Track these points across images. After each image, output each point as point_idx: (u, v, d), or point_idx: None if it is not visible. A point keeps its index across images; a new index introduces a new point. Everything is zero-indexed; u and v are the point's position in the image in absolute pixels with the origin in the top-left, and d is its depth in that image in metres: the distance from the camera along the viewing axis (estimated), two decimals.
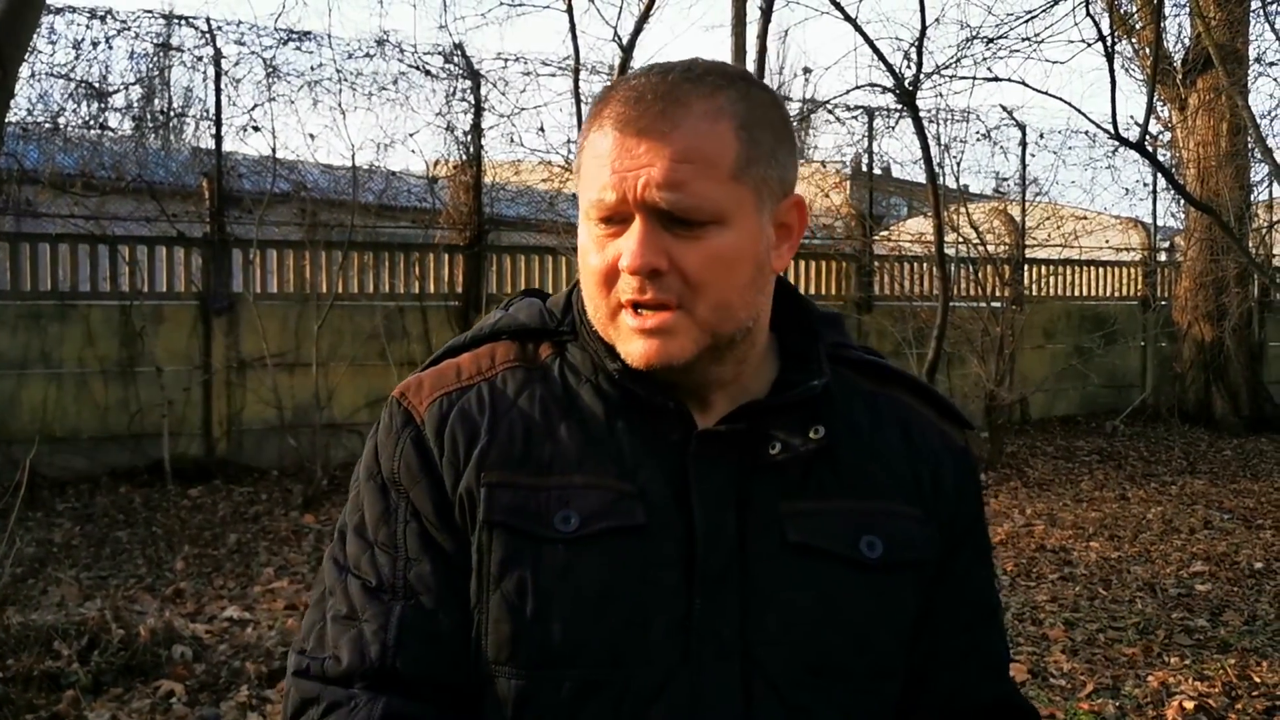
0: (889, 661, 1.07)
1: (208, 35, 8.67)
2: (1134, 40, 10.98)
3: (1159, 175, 10.83)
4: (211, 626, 4.81)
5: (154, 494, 7.61)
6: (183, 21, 8.78)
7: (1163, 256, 13.02)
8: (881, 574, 1.05)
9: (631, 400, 1.05)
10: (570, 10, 8.74)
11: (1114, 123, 5.98)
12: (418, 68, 9.37)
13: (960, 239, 10.41)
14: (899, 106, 9.54)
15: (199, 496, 7.58)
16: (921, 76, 8.48)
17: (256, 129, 8.83)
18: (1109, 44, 5.97)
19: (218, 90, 8.64)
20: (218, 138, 8.63)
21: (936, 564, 1.10)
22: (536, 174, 10.16)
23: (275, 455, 8.26)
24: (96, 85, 8.58)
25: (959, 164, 11.39)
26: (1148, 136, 6.95)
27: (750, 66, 9.22)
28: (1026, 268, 11.61)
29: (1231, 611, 5.31)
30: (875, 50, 8.28)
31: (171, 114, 9.09)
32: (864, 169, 11.68)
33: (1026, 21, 8.18)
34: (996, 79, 9.98)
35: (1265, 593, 5.68)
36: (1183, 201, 10.88)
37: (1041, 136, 11.95)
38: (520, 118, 9.75)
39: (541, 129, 9.83)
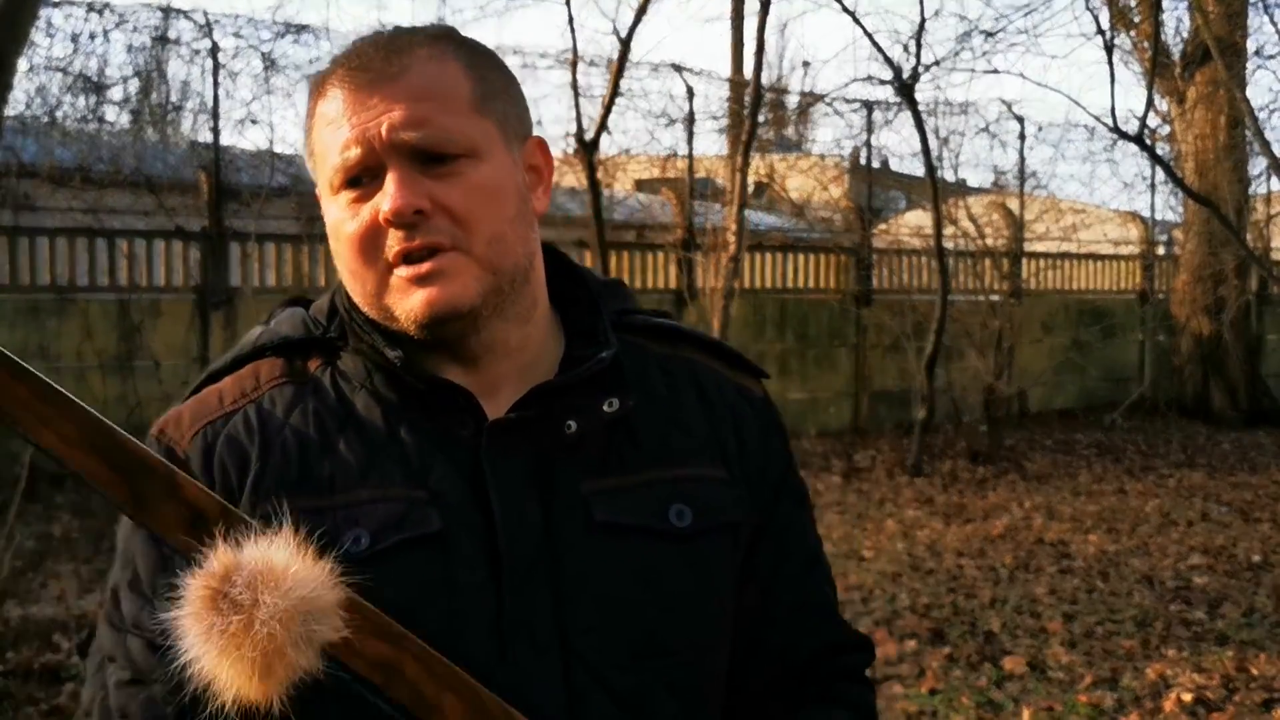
0: (712, 632, 1.03)
1: (205, 28, 8.65)
2: (1133, 33, 10.97)
3: (1158, 168, 10.83)
4: None
5: None
6: (180, 15, 8.77)
7: (1161, 250, 13.04)
8: (694, 542, 1.01)
9: (413, 399, 0.99)
10: (568, 3, 8.74)
11: (1113, 116, 5.99)
12: None
13: (959, 232, 10.42)
14: (898, 100, 9.54)
15: None
16: (920, 70, 8.49)
17: (254, 122, 8.84)
18: (1108, 37, 5.96)
19: (215, 83, 8.63)
20: (215, 131, 8.62)
21: (751, 524, 1.06)
22: None
23: None
24: (94, 78, 8.57)
25: (957, 157, 11.41)
26: (1146, 130, 6.95)
27: (749, 59, 9.23)
28: (1025, 261, 11.62)
29: (1229, 604, 5.32)
30: (874, 43, 8.29)
31: (169, 107, 9.09)
32: (862, 162, 11.68)
33: (1025, 15, 8.17)
34: (995, 72, 10.01)
35: (1263, 585, 5.69)
36: (1181, 195, 10.88)
37: (1040, 130, 11.97)
38: None
39: (539, 122, 9.81)
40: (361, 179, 0.97)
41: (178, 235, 8.47)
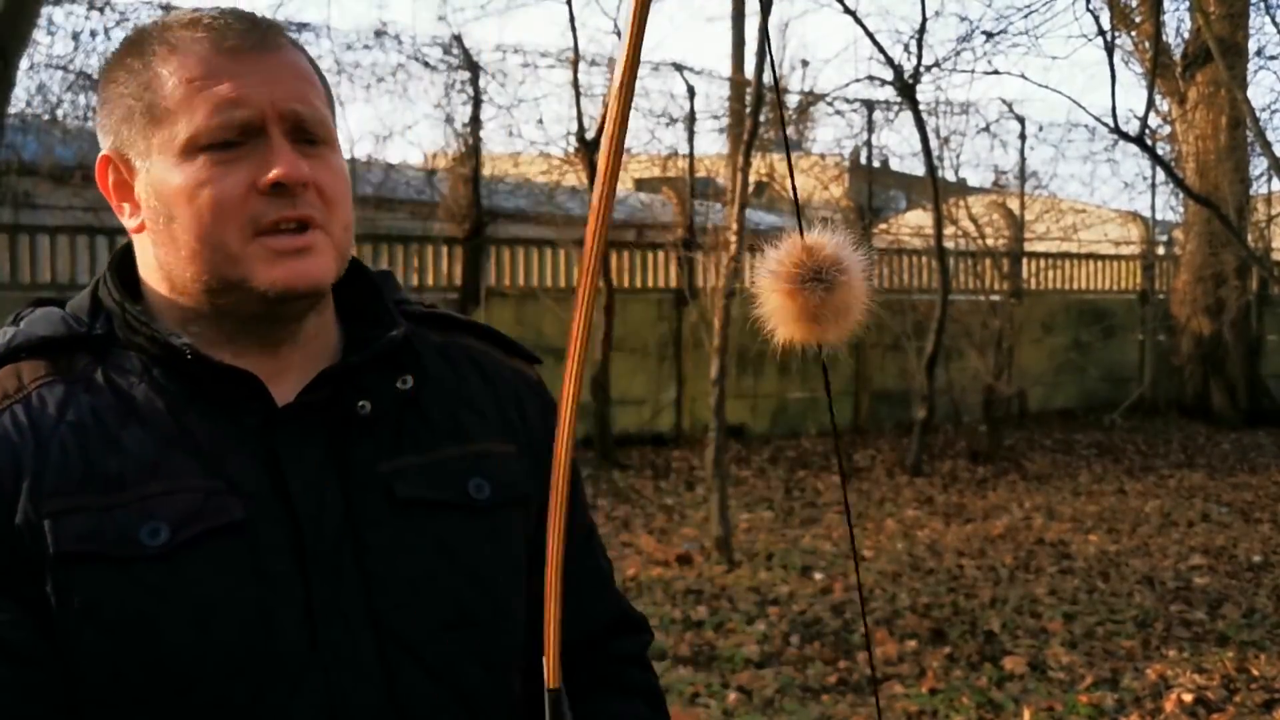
0: (512, 603, 1.05)
1: None
2: (1134, 34, 10.96)
3: (1158, 169, 10.82)
4: None
5: None
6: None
7: (1161, 250, 13.04)
8: (493, 515, 1.04)
9: (198, 389, 0.97)
10: (569, 2, 8.73)
11: (1114, 116, 5.98)
12: (416, 59, 9.36)
13: (959, 232, 10.42)
14: (898, 99, 9.54)
15: None
16: (921, 70, 8.49)
17: None
18: (1109, 38, 5.96)
19: None
20: None
21: (537, 498, 1.05)
22: (535, 166, 10.15)
23: None
24: (95, 76, 8.55)
25: (958, 157, 11.41)
26: (1147, 130, 6.95)
27: (750, 58, 9.22)
28: (1025, 261, 11.63)
29: (1230, 605, 5.32)
30: (875, 43, 8.30)
31: None
32: (862, 162, 11.68)
33: (1025, 15, 8.16)
34: (996, 72, 10.01)
35: (1263, 586, 5.69)
36: (1182, 195, 10.87)
37: (1041, 130, 11.97)
38: (519, 109, 9.77)
39: (541, 121, 9.82)
40: (235, 142, 0.94)
41: None
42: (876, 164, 12.09)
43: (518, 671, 1.05)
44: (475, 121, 9.46)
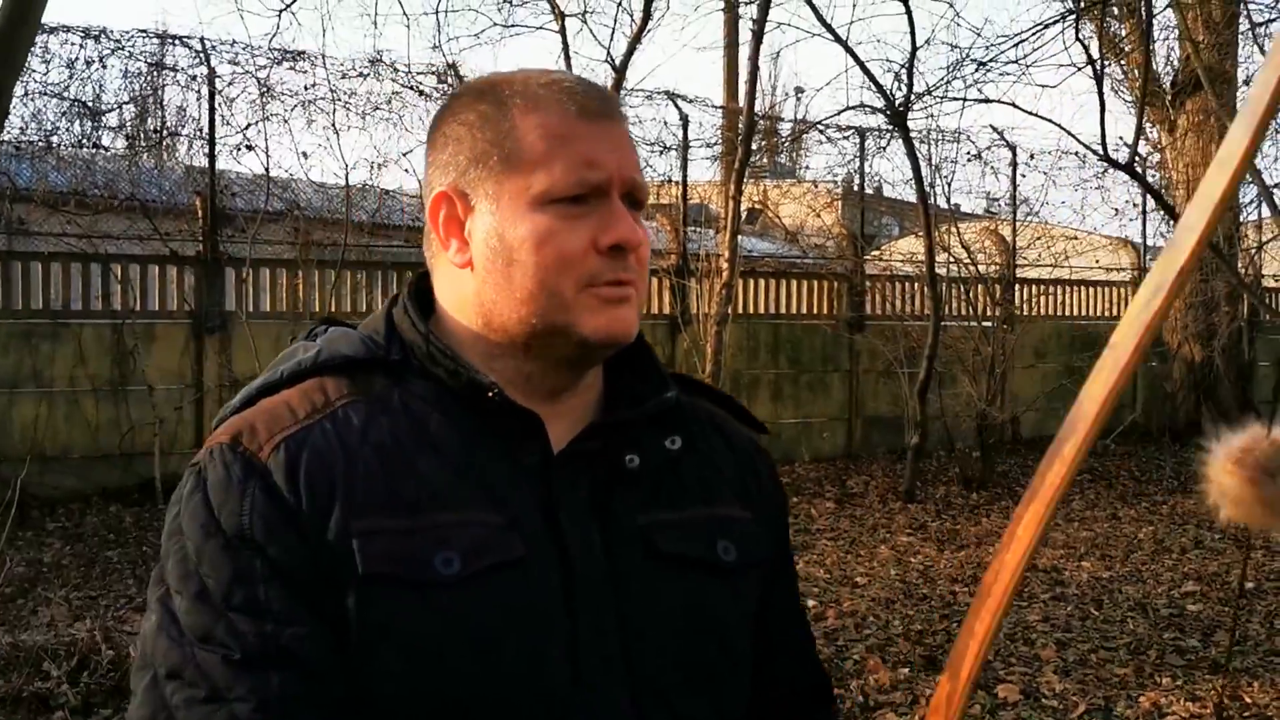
0: (746, 659, 1.09)
1: (202, 55, 8.70)
2: (1123, 63, 11.06)
3: (1148, 196, 10.89)
4: None
5: (144, 513, 7.59)
6: (177, 41, 8.82)
7: None
8: (737, 577, 1.08)
9: (484, 424, 1.00)
10: (563, 31, 8.79)
11: (1103, 144, 6.02)
12: (411, 87, 9.41)
13: (951, 259, 10.46)
14: (890, 127, 9.60)
15: None
16: (912, 97, 8.54)
17: (250, 148, 8.87)
18: (1098, 67, 6.02)
19: (211, 109, 8.66)
20: (211, 156, 8.65)
21: (771, 564, 1.15)
22: None
23: None
24: (90, 104, 8.60)
25: (950, 184, 11.45)
26: (1137, 158, 7.00)
27: (742, 86, 9.28)
28: (1017, 287, 11.66)
29: (1223, 632, 5.32)
30: (866, 72, 8.35)
31: (165, 133, 9.12)
32: (855, 189, 11.74)
33: (1015, 44, 8.24)
34: (987, 100, 10.07)
35: (1256, 612, 5.69)
36: (1172, 222, 10.92)
37: (1032, 157, 12.03)
38: None
39: None
40: (582, 199, 1.00)
41: (172, 260, 8.48)
42: (870, 191, 12.15)
43: None
44: None
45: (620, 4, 12.00)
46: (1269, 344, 12.27)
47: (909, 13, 8.11)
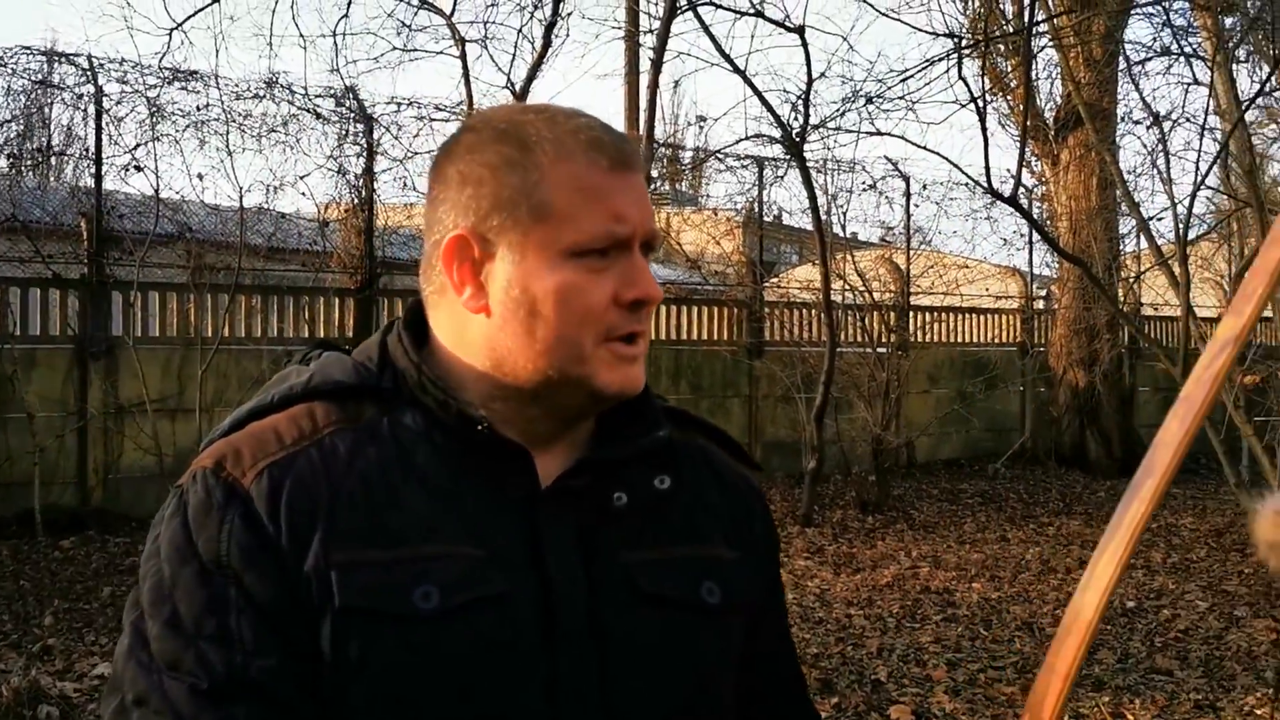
0: (727, 702, 1.09)
1: (89, 73, 8.46)
2: (1009, 98, 11.45)
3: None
4: (81, 685, 4.62)
5: (23, 546, 7.30)
6: (63, 59, 8.56)
7: (1040, 304, 13.53)
8: (722, 618, 1.07)
9: (472, 457, 1.00)
10: (464, 57, 8.77)
11: (988, 178, 6.22)
12: (309, 110, 9.28)
13: (848, 286, 10.67)
14: (787, 157, 9.77)
15: (71, 548, 7.29)
16: (808, 128, 8.71)
17: (139, 169, 8.63)
18: (980, 105, 6.22)
19: (98, 129, 8.42)
20: (98, 177, 8.40)
21: (756, 605, 1.14)
22: None
23: (154, 504, 7.90)
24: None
25: (845, 213, 11.68)
26: (1022, 190, 7.24)
27: (642, 114, 9.36)
28: (911, 314, 11.94)
29: (1105, 650, 5.49)
30: (764, 102, 8.50)
31: (50, 152, 8.84)
32: (755, 217, 11.91)
33: (903, 80, 8.47)
34: (879, 133, 10.30)
35: (1137, 631, 5.88)
36: (1057, 256, 11.32)
37: (925, 187, 12.36)
38: (414, 162, 9.73)
39: None
40: (609, 252, 0.99)
41: (55, 283, 8.21)
42: (769, 219, 12.34)
43: None
44: (369, 173, 9.41)
45: (521, 30, 12.02)
46: (1148, 370, 12.76)
47: (805, 45, 8.29)
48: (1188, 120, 12.35)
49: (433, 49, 16.14)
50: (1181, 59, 8.99)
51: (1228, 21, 8.42)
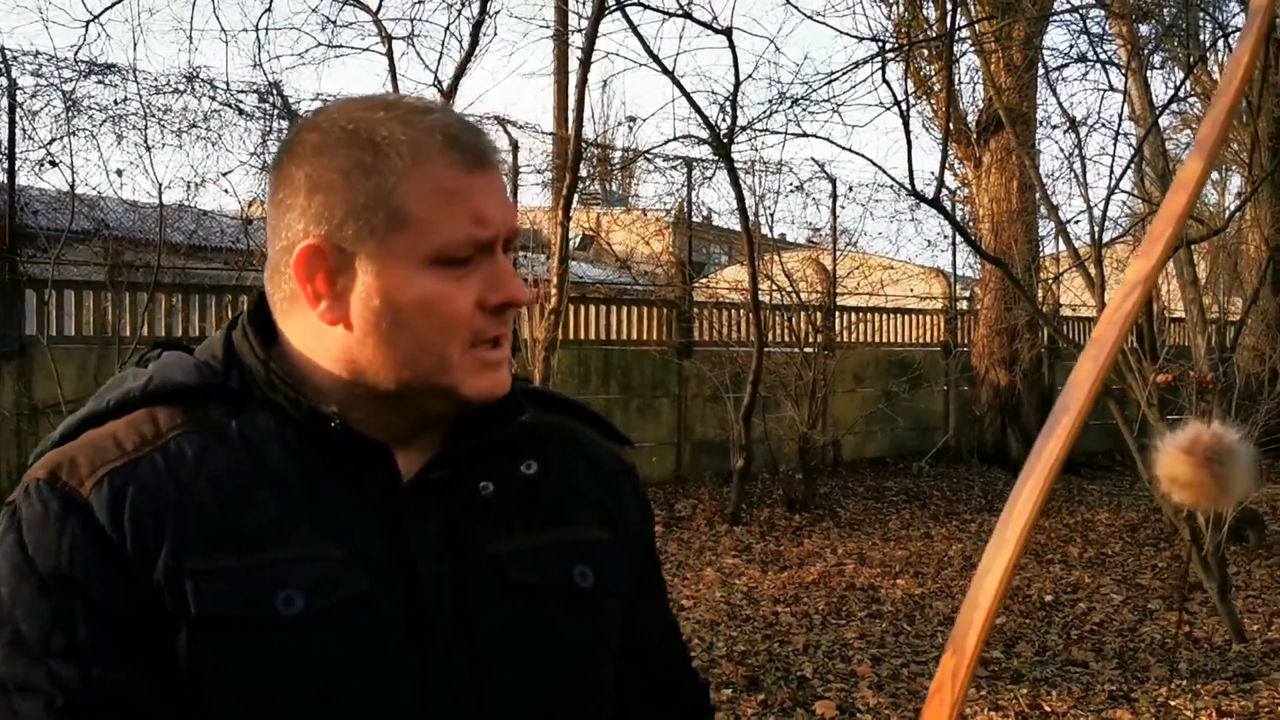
0: (606, 690, 1.07)
1: (2, 66, 8.22)
2: (932, 101, 11.64)
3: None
4: None
5: None
6: None
7: (963, 305, 13.77)
8: (595, 603, 1.05)
9: (328, 455, 0.96)
10: (390, 54, 8.69)
11: (911, 180, 6.32)
12: (231, 105, 9.12)
13: (775, 287, 10.76)
14: (715, 158, 9.83)
15: None
16: (736, 129, 8.78)
17: (54, 164, 8.41)
18: (904, 108, 6.32)
19: (11, 123, 8.19)
20: (10, 172, 8.17)
21: (631, 587, 1.12)
22: None
23: None
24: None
25: (773, 214, 11.80)
26: (945, 192, 7.37)
27: (570, 114, 9.35)
28: (837, 314, 12.09)
29: (1024, 643, 5.61)
30: (692, 103, 8.54)
31: None
32: (684, 217, 11.97)
33: (828, 82, 8.57)
34: (804, 134, 10.42)
35: (1054, 624, 6.02)
36: (976, 255, 11.53)
37: (850, 189, 12.52)
38: None
39: None
40: (469, 258, 0.96)
41: None
42: (699, 220, 12.40)
43: None
44: None
45: (448, 28, 11.96)
46: (1067, 370, 13.02)
47: (732, 47, 8.35)
48: (1104, 125, 12.66)
49: (359, 45, 15.94)
50: (1098, 65, 9.22)
51: (1143, 29, 8.66)
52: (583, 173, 11.14)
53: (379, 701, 0.93)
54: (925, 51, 10.59)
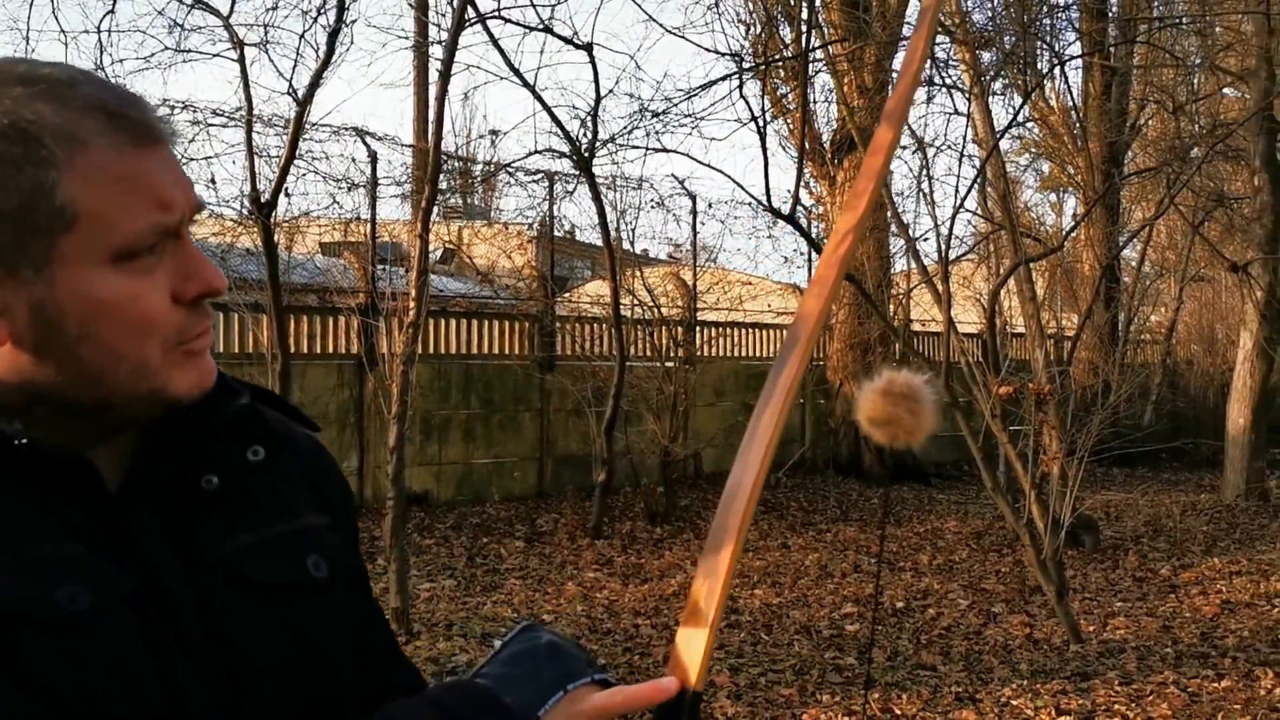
0: (349, 679, 1.01)
1: None
2: (788, 120, 11.92)
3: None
4: None
5: None
6: None
7: None
8: (331, 592, 1.00)
9: (21, 477, 0.85)
10: (242, 61, 8.44)
11: (768, 195, 6.46)
12: None
13: (637, 301, 10.84)
14: (576, 172, 9.86)
15: None
16: (596, 144, 8.82)
17: None
18: (760, 125, 6.46)
19: None
20: None
21: (355, 568, 1.07)
22: (206, 227, 9.69)
23: None
24: None
25: (634, 230, 11.91)
26: (801, 209, 7.55)
27: (431, 126, 9.26)
28: (698, 329, 12.25)
29: (877, 649, 5.77)
30: (553, 117, 8.55)
31: None
32: (546, 232, 11.96)
33: (688, 99, 8.70)
34: (665, 150, 10.55)
35: (905, 630, 6.21)
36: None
37: (710, 206, 12.73)
38: (189, 168, 9.29)
39: (213, 181, 9.42)
40: (155, 247, 0.86)
41: None
42: (561, 234, 12.42)
43: None
44: None
45: (303, 36, 11.73)
46: None
47: (593, 62, 8.40)
48: (950, 147, 13.15)
49: (209, 51, 15.47)
50: (944, 90, 9.58)
51: (985, 56, 9.05)
52: (443, 185, 11.04)
53: (168, 698, 0.86)
54: (781, 71, 10.84)
